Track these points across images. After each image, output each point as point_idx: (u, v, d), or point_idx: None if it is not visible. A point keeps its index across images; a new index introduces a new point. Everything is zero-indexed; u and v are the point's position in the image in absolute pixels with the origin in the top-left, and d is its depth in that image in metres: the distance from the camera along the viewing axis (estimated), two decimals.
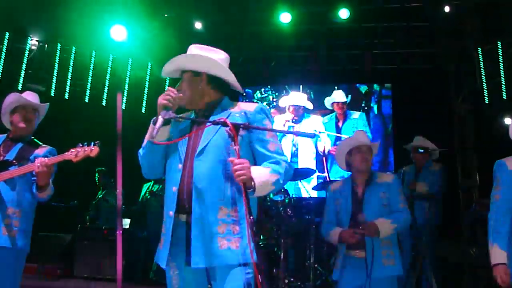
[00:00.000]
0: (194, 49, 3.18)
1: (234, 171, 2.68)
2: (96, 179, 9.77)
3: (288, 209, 7.51)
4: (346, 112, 10.81)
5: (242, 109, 3.07)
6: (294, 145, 10.75)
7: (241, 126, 2.78)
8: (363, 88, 11.00)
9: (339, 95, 10.87)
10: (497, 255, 3.73)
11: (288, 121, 10.80)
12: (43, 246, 8.10)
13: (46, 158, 4.02)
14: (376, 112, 10.87)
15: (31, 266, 7.71)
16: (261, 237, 7.11)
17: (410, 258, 6.77)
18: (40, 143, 4.46)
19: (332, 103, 10.88)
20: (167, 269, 3.02)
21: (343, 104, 10.83)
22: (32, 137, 4.49)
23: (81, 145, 4.00)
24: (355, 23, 9.71)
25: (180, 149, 3.02)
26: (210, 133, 2.98)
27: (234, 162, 2.69)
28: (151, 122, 2.96)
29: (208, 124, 2.93)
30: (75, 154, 3.97)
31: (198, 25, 9.69)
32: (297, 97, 10.99)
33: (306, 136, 2.89)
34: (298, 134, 3.00)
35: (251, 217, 2.59)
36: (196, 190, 2.88)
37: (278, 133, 3.13)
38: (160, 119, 2.89)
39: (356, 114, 10.81)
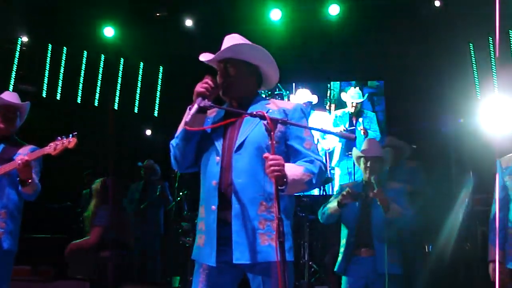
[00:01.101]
0: (239, 39, 3.14)
1: (268, 166, 2.62)
2: (85, 181, 9.74)
3: None
4: (360, 111, 10.75)
5: (280, 107, 3.05)
6: None
7: (279, 121, 2.74)
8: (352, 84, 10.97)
9: (354, 94, 10.81)
10: (491, 252, 4.10)
11: None
12: (36, 248, 8.07)
13: (27, 155, 4.02)
14: (370, 109, 10.86)
15: (25, 268, 7.67)
16: None
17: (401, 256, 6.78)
18: (23, 142, 4.44)
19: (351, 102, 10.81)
20: (198, 265, 2.97)
21: (356, 103, 10.75)
22: (16, 137, 4.47)
23: (59, 138, 3.99)
24: (347, 20, 9.70)
25: (216, 142, 2.98)
26: (248, 126, 2.95)
27: (268, 158, 2.64)
28: (187, 109, 2.89)
29: (245, 115, 2.90)
30: (53, 147, 3.98)
31: (188, 23, 9.66)
32: (304, 94, 10.96)
33: (346, 138, 2.89)
34: (339, 135, 2.97)
35: (280, 216, 2.51)
36: (235, 185, 2.84)
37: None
38: (195, 106, 2.84)
39: (370, 113, 10.78)
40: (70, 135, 4.00)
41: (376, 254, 4.67)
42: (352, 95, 10.70)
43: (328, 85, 11.07)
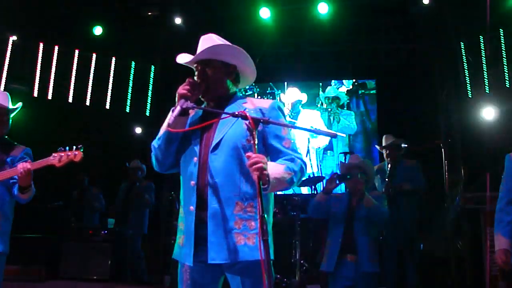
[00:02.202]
0: (216, 39, 3.13)
1: (250, 165, 2.61)
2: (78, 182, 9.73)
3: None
4: (338, 109, 10.86)
5: (256, 105, 3.03)
6: None
7: (261, 120, 2.74)
8: (348, 83, 11.03)
9: (328, 90, 10.95)
10: (499, 242, 4.03)
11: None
12: (27, 248, 8.04)
13: (28, 163, 3.96)
14: (363, 108, 10.93)
15: (15, 268, 7.64)
16: None
17: (394, 253, 6.82)
18: (15, 143, 4.39)
19: (325, 97, 10.94)
20: (180, 264, 2.98)
21: (332, 99, 10.86)
22: (6, 138, 4.42)
23: (62, 149, 3.95)
24: (338, 19, 9.71)
25: (194, 142, 2.98)
26: (225, 126, 2.94)
27: (251, 157, 2.63)
28: (170, 111, 2.89)
29: (226, 116, 2.88)
30: (58, 159, 3.92)
31: (180, 22, 9.66)
32: (293, 93, 11.01)
33: (326, 135, 2.88)
34: (318, 132, 2.95)
35: (263, 214, 2.51)
36: (211, 185, 2.84)
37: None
38: (178, 108, 2.85)
39: (347, 112, 10.87)
40: (74, 147, 3.96)
41: (358, 258, 5.11)
42: (327, 91, 10.87)
43: (320, 83, 11.11)
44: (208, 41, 3.10)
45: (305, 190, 9.84)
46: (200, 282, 2.93)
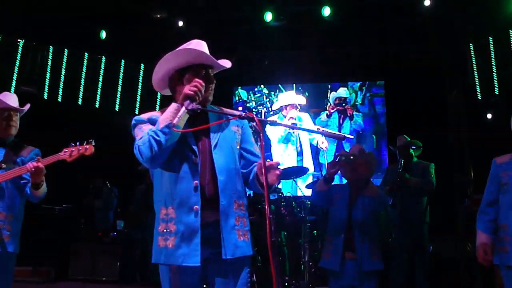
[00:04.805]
0: (205, 46, 3.14)
1: (274, 174, 2.75)
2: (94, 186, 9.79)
3: (282, 208, 7.52)
4: (347, 110, 10.94)
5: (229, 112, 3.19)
6: (299, 144, 10.87)
7: (268, 122, 2.86)
8: (356, 86, 11.04)
9: (341, 91, 11.14)
10: (479, 237, 4.25)
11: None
12: (37, 249, 8.08)
13: (39, 161, 3.97)
14: (372, 110, 10.93)
15: (26, 269, 7.69)
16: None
17: (404, 254, 6.79)
18: (24, 144, 4.40)
19: (335, 98, 10.99)
20: (166, 268, 2.95)
21: (342, 100, 10.94)
22: (16, 139, 4.42)
23: (73, 144, 3.95)
24: (346, 20, 9.71)
25: (190, 142, 2.97)
26: (217, 128, 3.04)
27: (273, 165, 2.76)
28: (172, 108, 2.94)
29: (233, 117, 2.95)
30: (69, 154, 3.92)
31: (186, 24, 9.71)
32: (289, 97, 11.07)
33: (335, 137, 2.92)
34: (327, 135, 2.98)
35: (271, 216, 2.54)
36: (219, 182, 2.92)
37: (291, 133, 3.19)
38: (183, 109, 2.86)
39: (358, 116, 10.90)
40: (85, 142, 3.96)
41: (357, 256, 4.80)
42: (337, 92, 11.05)
43: (329, 85, 11.12)
44: (202, 45, 3.12)
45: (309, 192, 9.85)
46: (189, 283, 2.93)
